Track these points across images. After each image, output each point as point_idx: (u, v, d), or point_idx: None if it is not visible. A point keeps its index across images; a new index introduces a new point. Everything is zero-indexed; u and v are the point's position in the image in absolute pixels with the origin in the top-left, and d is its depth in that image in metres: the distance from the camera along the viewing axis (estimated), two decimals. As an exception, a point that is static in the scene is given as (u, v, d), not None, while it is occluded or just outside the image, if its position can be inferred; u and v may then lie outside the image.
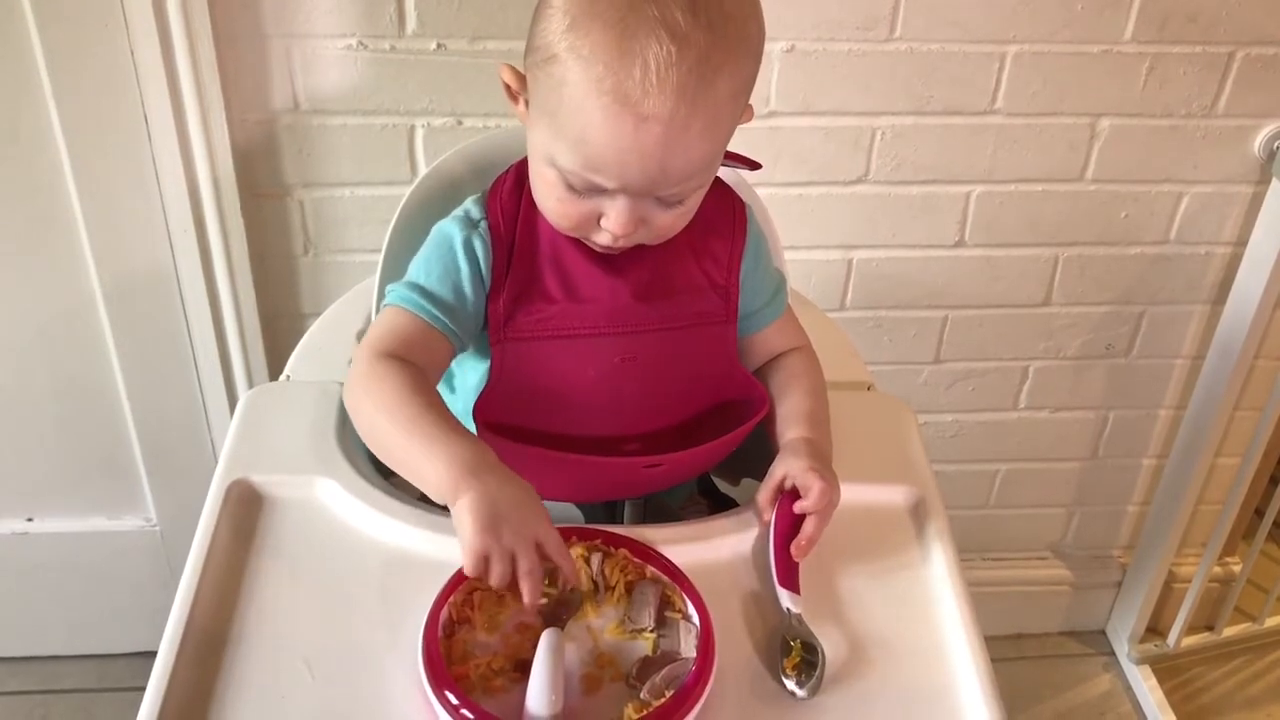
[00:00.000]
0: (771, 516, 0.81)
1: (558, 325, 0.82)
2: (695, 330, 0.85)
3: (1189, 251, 1.51)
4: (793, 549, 0.79)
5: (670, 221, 0.78)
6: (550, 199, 0.78)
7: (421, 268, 0.83)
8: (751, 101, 0.78)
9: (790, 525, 0.80)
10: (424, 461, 0.73)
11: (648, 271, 0.83)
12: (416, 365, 0.79)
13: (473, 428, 0.81)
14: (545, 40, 0.72)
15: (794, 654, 0.73)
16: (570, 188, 0.76)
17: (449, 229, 0.83)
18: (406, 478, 0.76)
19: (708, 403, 0.88)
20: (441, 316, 0.81)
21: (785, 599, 0.77)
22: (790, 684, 0.72)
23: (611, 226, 0.76)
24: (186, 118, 1.26)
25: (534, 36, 0.74)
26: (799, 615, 0.76)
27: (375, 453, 0.80)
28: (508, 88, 0.80)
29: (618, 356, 0.83)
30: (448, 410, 0.77)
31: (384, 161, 1.33)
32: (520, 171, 0.84)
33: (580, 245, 0.82)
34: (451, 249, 0.82)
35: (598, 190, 0.75)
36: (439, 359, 0.82)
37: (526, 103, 0.78)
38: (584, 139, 0.72)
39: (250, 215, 1.34)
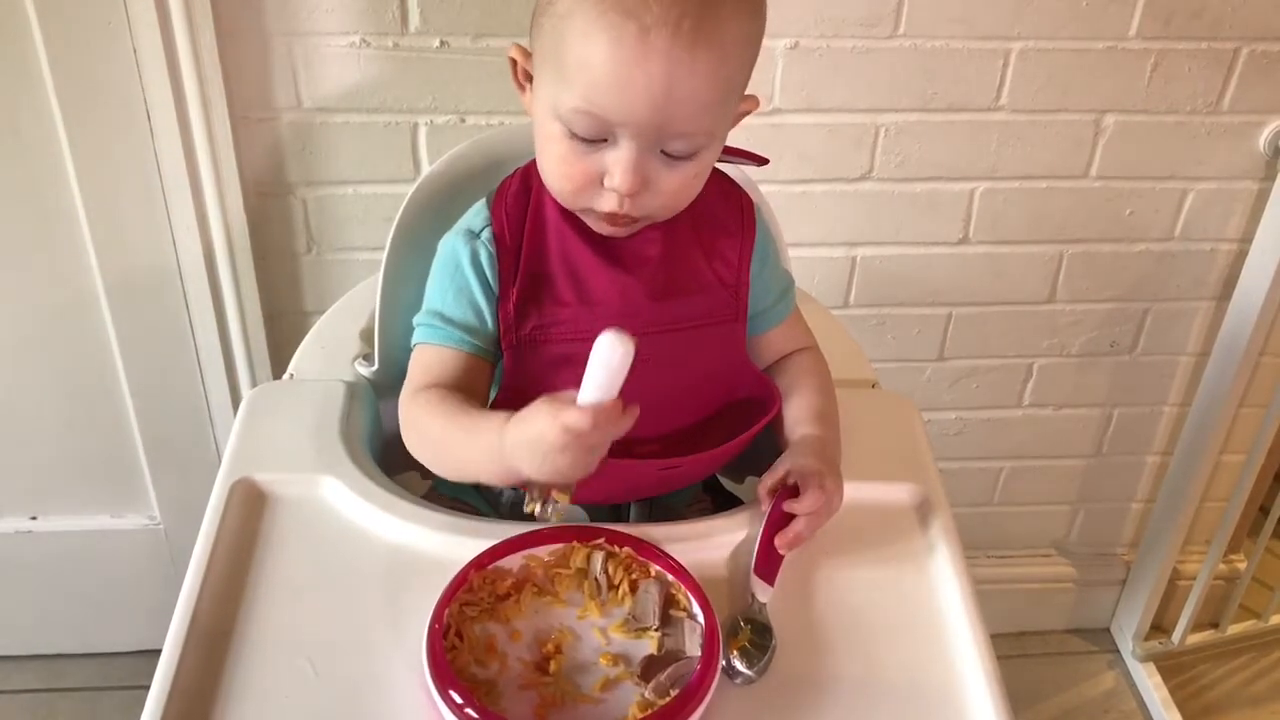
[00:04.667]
0: (769, 508, 0.81)
1: (570, 328, 0.81)
2: (706, 329, 0.85)
3: (1193, 248, 1.51)
4: (778, 540, 0.79)
5: (676, 185, 0.77)
6: (553, 159, 0.77)
7: (437, 293, 0.83)
8: (756, 98, 0.79)
9: (782, 520, 0.80)
10: (478, 436, 0.74)
11: (658, 271, 0.82)
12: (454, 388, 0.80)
13: None
14: None
15: (741, 636, 0.74)
16: (574, 138, 0.74)
17: (453, 245, 0.83)
18: (470, 472, 0.77)
19: (720, 401, 0.88)
20: (469, 338, 0.81)
21: (755, 587, 0.77)
22: (738, 664, 0.72)
23: (616, 181, 0.74)
24: (189, 115, 1.25)
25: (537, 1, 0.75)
26: (764, 605, 0.76)
27: (441, 468, 0.80)
28: (514, 66, 0.80)
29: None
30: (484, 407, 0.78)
31: (387, 159, 1.33)
32: (525, 176, 0.84)
33: (591, 246, 0.81)
34: (459, 267, 0.82)
35: (601, 140, 0.74)
36: (480, 382, 0.82)
37: (530, 79, 0.79)
38: (588, 62, 0.71)
39: (253, 213, 1.34)
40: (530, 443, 0.68)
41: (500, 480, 0.75)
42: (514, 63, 0.80)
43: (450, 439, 0.77)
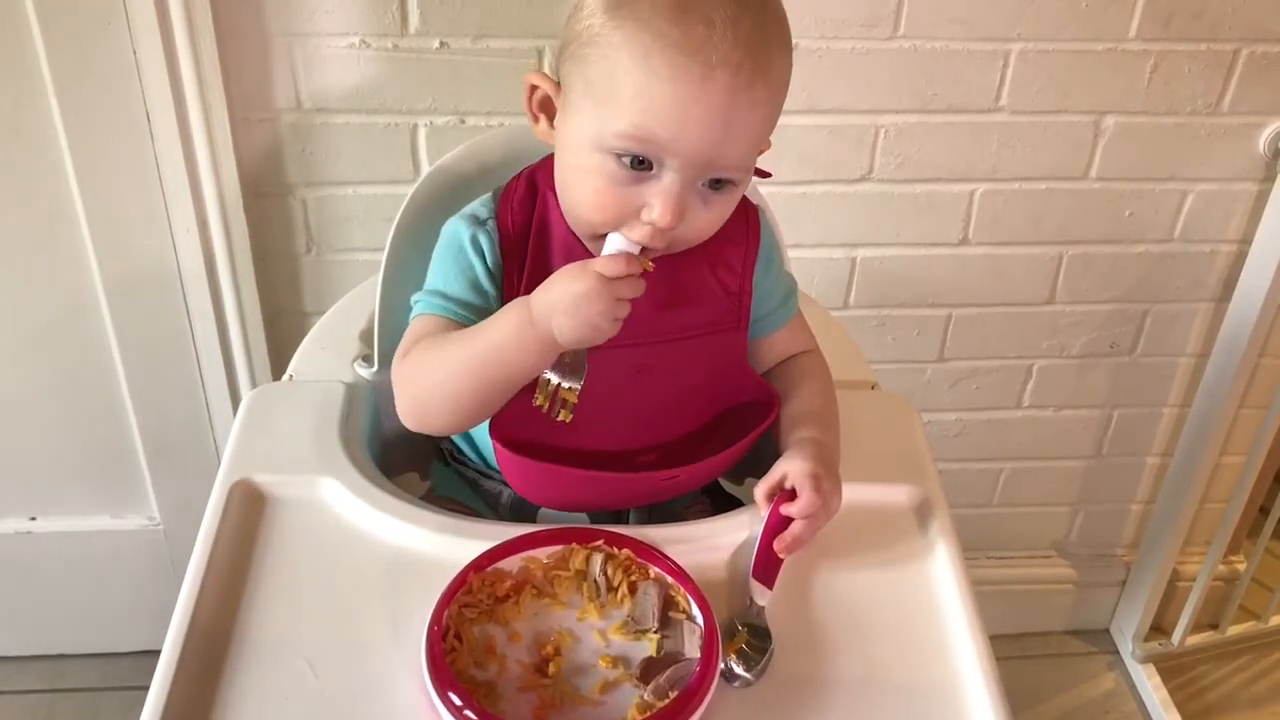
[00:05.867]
0: (767, 511, 0.81)
1: None
2: (708, 338, 0.85)
3: (1193, 250, 1.51)
4: (776, 544, 0.79)
5: (706, 222, 0.78)
6: (588, 190, 0.76)
7: (438, 274, 0.83)
8: (770, 139, 0.79)
9: (781, 523, 0.80)
10: (498, 322, 0.76)
11: (663, 281, 0.82)
12: None
13: (489, 444, 0.81)
14: (588, 24, 0.73)
15: (738, 639, 0.74)
16: (618, 163, 0.74)
17: (456, 228, 0.83)
18: (489, 369, 0.76)
19: (720, 408, 0.88)
20: (466, 314, 0.81)
21: (754, 590, 0.77)
22: (735, 667, 0.72)
23: (655, 214, 0.74)
24: (189, 116, 1.25)
25: (572, 29, 0.75)
26: (762, 608, 0.76)
27: (450, 396, 0.79)
28: (533, 93, 0.79)
29: (632, 367, 0.82)
30: None
31: (387, 160, 1.33)
32: (531, 181, 0.84)
33: (595, 254, 0.81)
34: (461, 248, 0.82)
35: (647, 168, 0.73)
36: None
37: (547, 110, 0.78)
38: (645, 91, 0.71)
39: (253, 214, 1.34)
40: (562, 295, 0.72)
41: (529, 357, 0.75)
42: (531, 90, 0.79)
43: (462, 349, 0.77)
